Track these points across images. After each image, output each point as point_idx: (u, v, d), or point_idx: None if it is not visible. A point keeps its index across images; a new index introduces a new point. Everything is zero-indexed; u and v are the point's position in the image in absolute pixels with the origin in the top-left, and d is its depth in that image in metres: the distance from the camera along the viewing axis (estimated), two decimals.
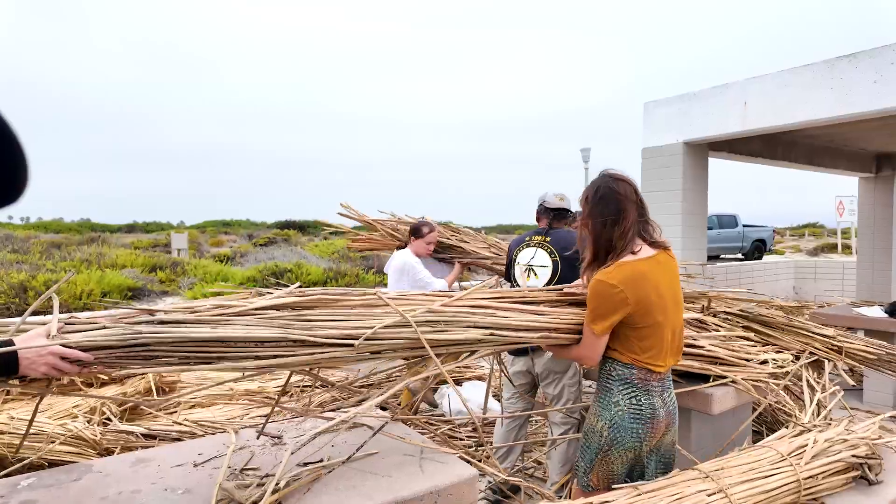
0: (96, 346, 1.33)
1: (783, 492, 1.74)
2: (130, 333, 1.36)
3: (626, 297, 1.68)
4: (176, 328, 1.39)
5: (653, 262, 1.75)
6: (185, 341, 1.39)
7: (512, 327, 1.73)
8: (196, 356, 1.41)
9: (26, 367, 1.24)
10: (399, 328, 1.56)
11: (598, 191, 1.77)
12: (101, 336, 1.34)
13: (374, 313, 1.59)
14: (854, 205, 12.18)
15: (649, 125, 5.51)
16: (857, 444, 1.96)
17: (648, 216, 1.81)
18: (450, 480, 1.50)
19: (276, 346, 1.45)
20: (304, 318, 1.51)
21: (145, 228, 27.67)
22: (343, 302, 1.63)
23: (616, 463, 1.76)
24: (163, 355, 1.39)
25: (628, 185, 1.78)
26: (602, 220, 1.75)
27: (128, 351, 1.36)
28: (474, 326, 1.68)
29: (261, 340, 1.43)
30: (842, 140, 6.42)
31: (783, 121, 4.55)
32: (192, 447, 1.78)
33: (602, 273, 1.73)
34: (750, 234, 17.60)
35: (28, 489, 1.47)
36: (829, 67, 4.28)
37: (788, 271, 9.94)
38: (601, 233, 1.75)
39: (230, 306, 1.50)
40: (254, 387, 3.87)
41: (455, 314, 1.67)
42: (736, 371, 2.38)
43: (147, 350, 1.38)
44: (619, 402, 1.75)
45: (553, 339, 1.81)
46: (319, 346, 1.48)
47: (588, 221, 1.78)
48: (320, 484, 1.47)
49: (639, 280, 1.70)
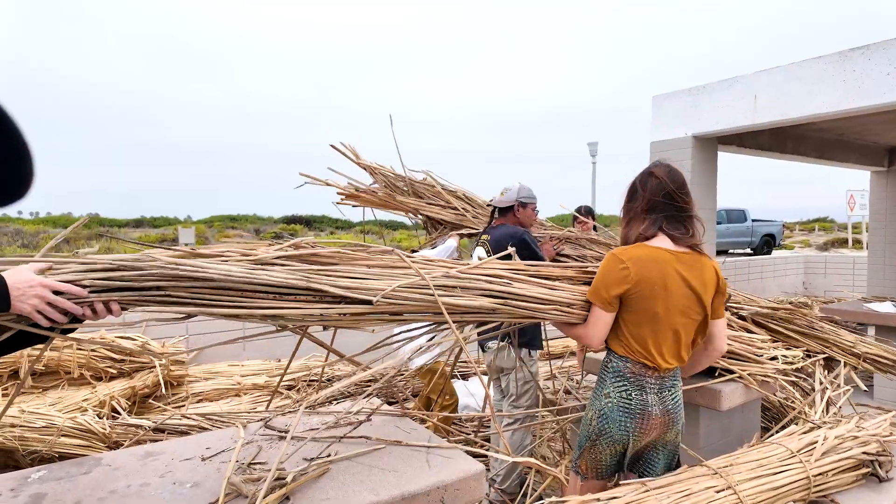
0: (104, 287, 1.28)
1: (793, 489, 1.73)
2: (144, 273, 1.29)
3: (629, 273, 1.69)
4: (194, 270, 1.32)
5: (676, 257, 1.73)
6: (203, 286, 1.33)
7: (525, 297, 1.72)
8: (213, 302, 1.35)
9: (16, 299, 1.19)
10: (416, 289, 1.54)
11: (632, 185, 1.84)
12: (104, 276, 1.28)
13: (392, 274, 1.58)
14: (865, 199, 12.04)
15: (658, 119, 5.46)
16: (868, 440, 1.94)
17: (689, 213, 1.79)
18: (456, 475, 1.50)
19: (295, 297, 1.41)
20: (324, 273, 1.48)
21: (153, 223, 27.85)
22: (361, 260, 1.61)
23: (604, 453, 1.78)
24: (178, 299, 1.33)
25: (659, 180, 1.77)
26: (627, 213, 1.83)
27: (142, 294, 1.30)
28: (488, 295, 1.67)
29: (283, 287, 1.38)
30: (853, 133, 6.33)
31: (794, 114, 4.49)
32: (199, 441, 1.79)
33: (618, 249, 1.77)
34: (759, 229, 17.47)
35: (38, 482, 1.48)
36: (841, 59, 4.22)
37: (798, 266, 9.85)
38: (625, 224, 1.84)
39: (249, 253, 1.47)
40: (261, 381, 3.90)
41: (471, 280, 1.66)
42: (745, 366, 2.36)
43: (162, 294, 1.31)
44: (610, 394, 1.77)
45: (564, 316, 1.80)
46: (338, 303, 1.45)
47: (622, 211, 1.87)
48: (327, 478, 1.48)
49: (650, 263, 1.71)
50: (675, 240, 1.75)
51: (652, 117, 5.50)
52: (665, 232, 1.76)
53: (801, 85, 4.41)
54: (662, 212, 1.76)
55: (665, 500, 1.58)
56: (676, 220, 1.77)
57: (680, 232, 1.76)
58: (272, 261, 1.47)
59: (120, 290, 1.31)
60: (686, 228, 1.78)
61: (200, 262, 1.38)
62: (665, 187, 1.76)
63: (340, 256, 1.59)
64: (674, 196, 1.76)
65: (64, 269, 1.31)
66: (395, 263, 1.63)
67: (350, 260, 1.60)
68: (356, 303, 1.48)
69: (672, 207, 1.76)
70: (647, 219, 1.77)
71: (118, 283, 1.30)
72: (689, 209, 1.79)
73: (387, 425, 1.83)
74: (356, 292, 1.46)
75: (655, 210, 1.77)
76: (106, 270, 1.31)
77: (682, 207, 1.77)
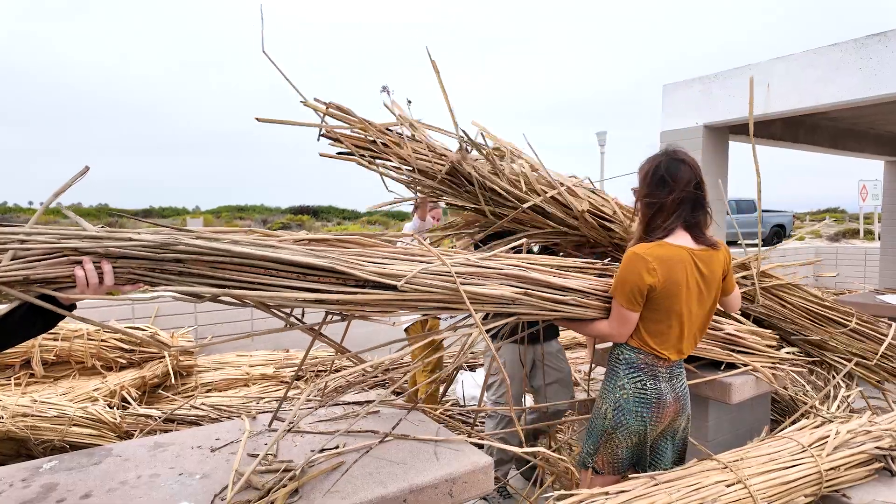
0: (121, 254, 1.24)
1: (804, 483, 1.72)
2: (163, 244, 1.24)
3: (657, 273, 1.64)
4: (218, 243, 1.27)
5: (693, 254, 1.70)
6: (225, 262, 1.28)
7: (546, 284, 1.69)
8: (234, 281, 1.30)
9: None
10: (438, 275, 1.51)
11: (657, 171, 1.71)
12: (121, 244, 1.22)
13: (412, 261, 1.55)
14: (878, 189, 11.86)
15: (668, 108, 5.39)
16: (881, 435, 1.92)
17: (704, 207, 1.72)
18: (464, 468, 1.50)
19: (317, 279, 1.37)
20: (349, 256, 1.45)
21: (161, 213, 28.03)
22: (379, 247, 1.58)
23: (621, 446, 1.76)
24: (197, 276, 1.28)
25: (690, 169, 1.69)
26: (651, 202, 1.71)
27: (161, 265, 1.26)
28: (509, 284, 1.64)
29: (307, 266, 1.34)
30: (868, 122, 6.22)
31: (809, 103, 4.41)
32: (208, 432, 1.80)
33: (640, 247, 1.69)
34: (769, 220, 17.30)
35: (50, 472, 1.49)
36: (857, 47, 4.13)
37: (808, 257, 9.74)
38: (649, 215, 1.72)
39: (271, 235, 1.44)
40: (269, 371, 3.92)
41: (491, 267, 1.64)
42: (756, 358, 2.34)
43: (181, 267, 1.27)
44: (625, 386, 1.75)
45: (580, 310, 1.76)
46: (362, 288, 1.42)
47: (643, 201, 1.74)
48: (335, 470, 1.48)
49: (675, 264, 1.66)
50: (696, 238, 1.70)
51: (662, 106, 5.43)
52: (687, 228, 1.70)
53: (816, 73, 4.33)
54: (690, 204, 1.69)
55: (675, 494, 1.57)
56: (699, 213, 1.71)
57: (700, 230, 1.71)
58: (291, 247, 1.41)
59: (137, 258, 1.26)
60: (705, 225, 1.73)
61: (222, 236, 1.34)
62: (696, 176, 1.69)
63: (358, 241, 1.56)
64: (701, 187, 1.70)
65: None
66: (412, 250, 1.61)
67: (369, 246, 1.57)
68: (380, 288, 1.45)
69: (697, 199, 1.70)
70: (675, 211, 1.68)
71: (136, 251, 1.25)
72: (706, 200, 1.74)
73: (394, 417, 1.83)
74: (382, 277, 1.43)
75: (685, 202, 1.68)
76: (123, 239, 1.26)
77: (704, 199, 1.72)
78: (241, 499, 1.34)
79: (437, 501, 1.44)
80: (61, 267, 1.22)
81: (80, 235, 1.26)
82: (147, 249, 1.26)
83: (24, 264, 1.20)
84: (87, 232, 1.27)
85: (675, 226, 1.70)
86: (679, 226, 1.70)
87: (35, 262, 1.21)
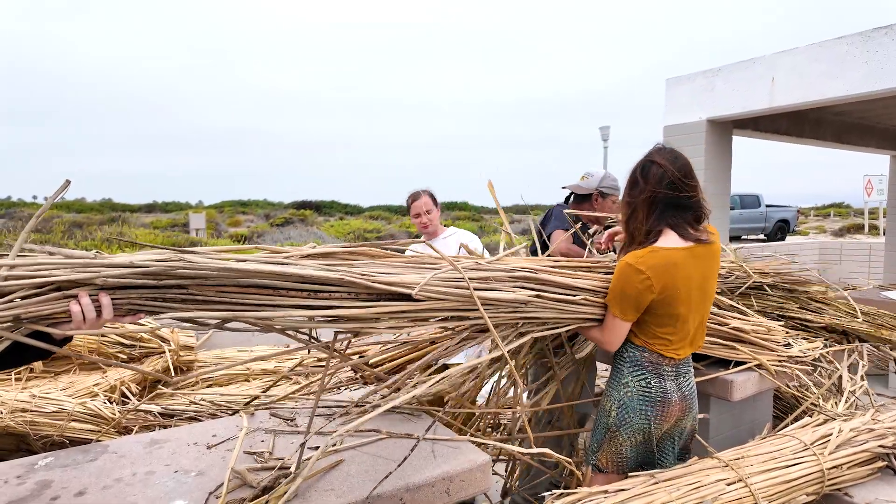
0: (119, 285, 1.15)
1: (806, 482, 1.70)
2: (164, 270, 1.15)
3: (652, 284, 1.62)
4: (221, 263, 1.20)
5: (688, 253, 1.66)
6: (231, 285, 1.20)
7: (557, 285, 1.67)
8: (241, 304, 1.23)
9: None
10: (451, 282, 1.48)
11: (633, 173, 1.69)
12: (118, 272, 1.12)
13: (422, 270, 1.51)
14: (883, 184, 11.78)
15: (671, 102, 5.34)
16: (884, 433, 1.90)
17: (688, 205, 1.66)
18: (462, 466, 1.48)
19: (329, 295, 1.31)
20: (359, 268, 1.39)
21: (164, 208, 28.07)
22: (388, 257, 1.54)
23: (625, 445, 1.75)
24: (202, 302, 1.20)
25: (661, 168, 1.63)
26: (629, 201, 1.70)
27: (163, 293, 1.18)
28: (521, 287, 1.62)
29: (316, 282, 1.28)
30: (874, 116, 6.16)
31: (814, 97, 4.35)
32: (206, 429, 1.79)
33: (632, 256, 1.65)
34: (773, 215, 17.22)
35: (45, 469, 1.48)
36: (863, 40, 4.07)
37: (812, 252, 9.68)
38: (627, 216, 1.71)
39: (278, 251, 1.38)
40: (270, 366, 3.91)
41: (502, 271, 1.61)
42: (759, 354, 2.31)
43: (184, 293, 1.19)
44: (629, 384, 1.74)
45: (591, 309, 1.74)
46: (375, 300, 1.37)
47: (622, 202, 1.74)
48: (331, 468, 1.46)
49: (670, 269, 1.63)
50: (683, 237, 1.65)
51: (665, 101, 5.38)
52: (671, 227, 1.65)
53: (822, 66, 4.28)
54: (666, 203, 1.64)
55: (675, 493, 1.56)
56: (682, 211, 1.66)
57: (686, 228, 1.66)
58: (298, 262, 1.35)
59: (137, 287, 1.17)
60: (692, 222, 1.68)
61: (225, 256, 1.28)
62: (668, 176, 1.63)
63: (367, 253, 1.51)
64: (678, 185, 1.63)
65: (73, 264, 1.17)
66: (421, 259, 1.57)
67: (377, 256, 1.52)
68: (394, 299, 1.40)
69: (676, 198, 1.64)
70: (651, 212, 1.65)
71: (136, 280, 1.17)
72: (696, 198, 1.67)
73: (393, 415, 1.82)
74: (396, 286, 1.38)
75: (658, 202, 1.64)
76: (121, 267, 1.17)
77: (688, 197, 1.65)
78: (237, 497, 1.33)
79: (433, 500, 1.43)
80: (55, 303, 1.13)
81: (74, 265, 1.15)
82: (147, 277, 1.17)
83: (12, 304, 1.09)
84: (82, 260, 1.17)
85: (658, 227, 1.65)
86: (663, 227, 1.65)
87: (24, 298, 1.11)
